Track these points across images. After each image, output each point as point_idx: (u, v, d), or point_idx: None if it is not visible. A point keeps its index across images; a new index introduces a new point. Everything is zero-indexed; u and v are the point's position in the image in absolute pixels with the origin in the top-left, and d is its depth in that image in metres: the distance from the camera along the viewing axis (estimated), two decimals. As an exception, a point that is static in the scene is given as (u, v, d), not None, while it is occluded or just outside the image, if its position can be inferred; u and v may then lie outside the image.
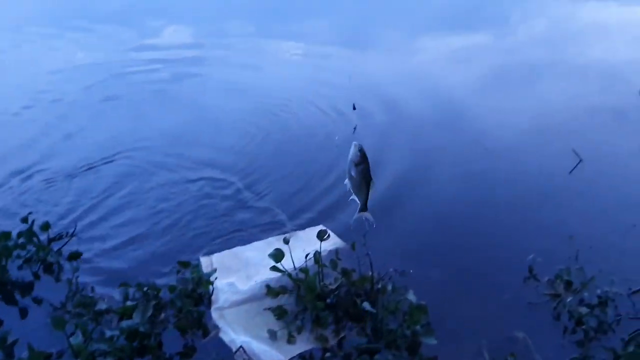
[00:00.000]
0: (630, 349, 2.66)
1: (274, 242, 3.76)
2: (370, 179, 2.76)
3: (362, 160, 2.72)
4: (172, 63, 7.93)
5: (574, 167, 4.49)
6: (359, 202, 2.84)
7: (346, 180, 2.81)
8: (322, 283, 3.25)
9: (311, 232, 3.76)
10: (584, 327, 2.87)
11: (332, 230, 3.77)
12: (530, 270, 3.36)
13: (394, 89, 6.51)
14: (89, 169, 4.96)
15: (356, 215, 2.89)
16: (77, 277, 3.48)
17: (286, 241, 3.35)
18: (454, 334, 2.93)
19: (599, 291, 3.09)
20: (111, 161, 5.09)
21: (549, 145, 4.99)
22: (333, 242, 3.75)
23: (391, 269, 3.41)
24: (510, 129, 5.42)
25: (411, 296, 3.05)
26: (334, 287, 3.24)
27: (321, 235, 3.31)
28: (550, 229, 3.80)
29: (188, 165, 4.99)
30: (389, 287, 3.17)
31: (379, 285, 3.23)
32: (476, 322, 3.01)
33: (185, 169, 4.94)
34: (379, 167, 4.58)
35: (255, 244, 3.91)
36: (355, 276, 3.31)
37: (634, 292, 3.11)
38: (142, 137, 5.59)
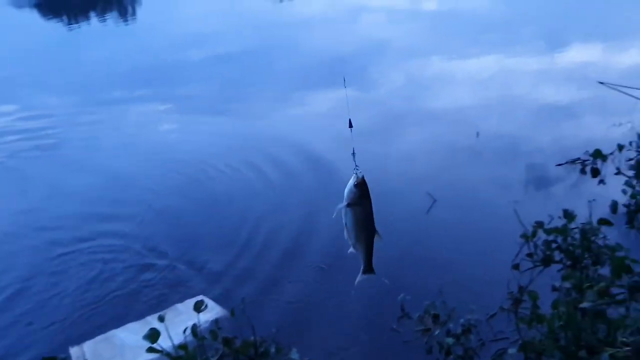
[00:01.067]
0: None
1: (151, 321, 3.62)
2: (374, 228, 2.19)
3: (361, 198, 2.13)
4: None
5: (430, 207, 4.95)
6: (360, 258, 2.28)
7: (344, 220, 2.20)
8: (203, 357, 3.17)
9: (190, 303, 3.69)
10: (452, 356, 3.11)
11: (217, 297, 3.75)
12: (402, 308, 3.59)
13: (275, 148, 6.74)
14: None
15: (359, 277, 2.35)
16: None
17: (161, 319, 3.20)
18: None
19: (462, 320, 3.37)
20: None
21: (409, 188, 5.45)
22: (215, 311, 3.71)
23: (274, 329, 3.42)
24: (379, 175, 5.85)
25: (295, 355, 3.08)
26: (215, 359, 3.16)
27: (198, 307, 3.23)
28: (415, 266, 4.12)
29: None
30: (272, 349, 3.17)
31: (262, 349, 3.22)
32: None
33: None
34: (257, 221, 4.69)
35: (130, 325, 3.71)
36: (238, 343, 3.28)
37: (491, 317, 3.44)
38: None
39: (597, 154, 5.40)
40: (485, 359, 3.11)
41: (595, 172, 5.32)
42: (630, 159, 5.31)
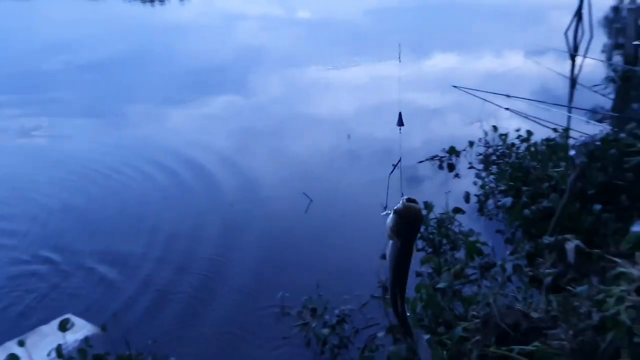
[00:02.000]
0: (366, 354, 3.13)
1: (10, 346, 3.30)
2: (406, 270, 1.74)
3: (400, 230, 1.63)
4: None
5: (307, 207, 5.12)
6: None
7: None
8: (73, 378, 2.98)
9: (55, 324, 3.44)
10: (328, 346, 3.27)
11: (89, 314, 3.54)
12: (282, 307, 3.68)
13: (154, 155, 6.53)
14: None
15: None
16: None
17: (21, 343, 2.97)
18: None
19: (337, 311, 3.56)
20: None
21: (289, 190, 5.58)
22: (85, 329, 3.49)
23: (150, 341, 3.32)
24: (259, 179, 5.91)
25: (172, 363, 3.03)
26: (86, 378, 2.99)
27: (64, 326, 3.04)
28: (293, 264, 4.25)
29: None
30: (149, 360, 3.08)
31: (139, 362, 3.11)
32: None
33: None
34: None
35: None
36: (112, 359, 3.13)
37: (363, 305, 3.66)
38: None
39: (452, 151, 6.04)
40: (359, 344, 3.30)
41: (451, 167, 5.94)
42: (480, 154, 6.00)
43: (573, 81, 9.11)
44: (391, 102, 8.58)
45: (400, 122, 2.23)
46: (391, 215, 1.65)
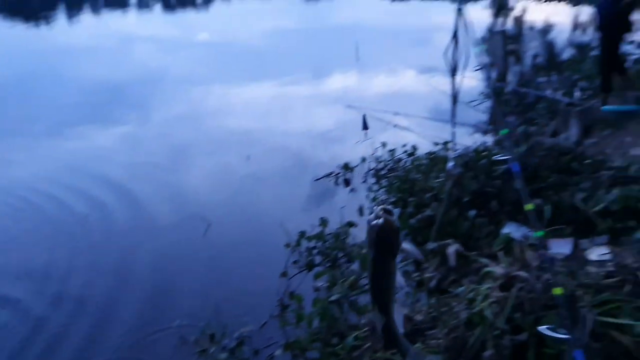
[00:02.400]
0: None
1: None
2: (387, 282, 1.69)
3: (377, 240, 1.63)
4: None
5: (206, 230, 5.08)
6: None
7: None
8: None
9: None
10: (227, 371, 3.27)
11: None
12: (180, 335, 3.62)
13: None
14: None
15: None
16: None
17: None
18: None
19: (236, 334, 3.57)
20: None
21: (187, 215, 5.50)
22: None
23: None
24: (154, 205, 5.76)
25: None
26: None
27: None
28: (191, 290, 4.20)
29: None
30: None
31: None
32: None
33: None
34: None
35: None
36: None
37: (263, 326, 3.71)
38: None
39: (346, 167, 6.31)
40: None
41: (347, 182, 6.20)
42: (372, 169, 6.33)
43: (454, 98, 9.89)
44: (290, 120, 8.85)
45: (365, 126, 2.72)
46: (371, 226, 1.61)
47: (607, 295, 2.58)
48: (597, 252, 3.79)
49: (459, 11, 3.79)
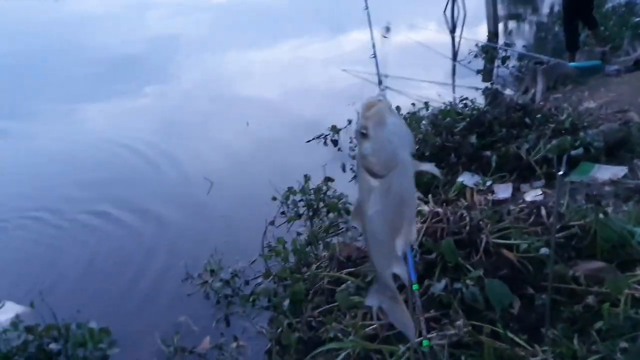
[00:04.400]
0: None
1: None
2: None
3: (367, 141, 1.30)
4: None
5: (209, 189, 5.89)
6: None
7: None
8: (9, 348, 3.58)
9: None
10: (220, 295, 4.11)
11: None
12: (186, 273, 4.47)
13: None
14: None
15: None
16: None
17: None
18: (135, 339, 3.77)
19: (231, 269, 4.39)
20: None
21: (192, 175, 6.34)
22: (14, 309, 4.07)
23: (77, 311, 4.00)
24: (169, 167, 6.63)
25: (93, 324, 3.73)
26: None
27: (-4, 305, 3.64)
28: (196, 235, 5.06)
29: None
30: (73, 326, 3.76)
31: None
32: (150, 322, 3.93)
33: None
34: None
35: None
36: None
37: (252, 262, 4.51)
38: None
39: (334, 129, 6.98)
40: (247, 292, 4.15)
41: (335, 143, 6.89)
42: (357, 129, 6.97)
43: (452, 57, 10.35)
44: (294, 84, 9.49)
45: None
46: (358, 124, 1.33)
47: (506, 223, 3.27)
48: (533, 194, 4.46)
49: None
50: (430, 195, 4.53)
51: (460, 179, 4.81)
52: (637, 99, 5.18)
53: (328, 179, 5.23)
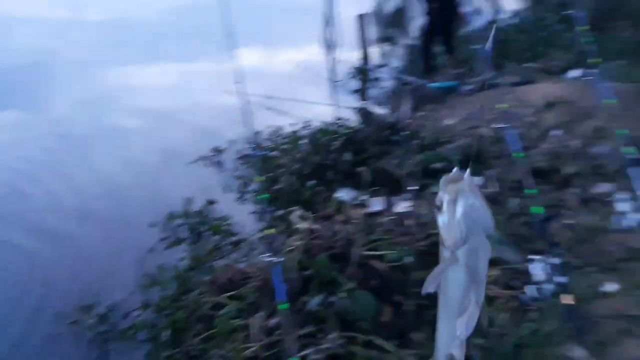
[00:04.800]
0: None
1: None
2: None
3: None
4: None
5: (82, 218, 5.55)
6: None
7: None
8: None
9: None
10: (95, 332, 3.89)
11: None
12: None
13: None
14: None
15: None
16: None
17: None
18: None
19: (108, 302, 4.17)
20: None
21: (68, 206, 5.92)
22: None
23: None
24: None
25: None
26: None
27: None
28: (69, 271, 4.75)
29: None
30: None
31: None
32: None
33: None
34: None
35: None
36: None
37: (132, 294, 4.31)
38: None
39: (216, 150, 6.95)
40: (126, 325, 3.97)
41: (218, 164, 6.86)
42: (242, 149, 7.01)
43: (330, 78, 10.78)
44: (179, 105, 9.26)
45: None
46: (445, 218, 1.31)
47: (376, 235, 3.51)
48: (403, 206, 4.81)
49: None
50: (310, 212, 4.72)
51: (337, 195, 5.04)
52: (486, 115, 5.81)
53: (210, 202, 5.20)
